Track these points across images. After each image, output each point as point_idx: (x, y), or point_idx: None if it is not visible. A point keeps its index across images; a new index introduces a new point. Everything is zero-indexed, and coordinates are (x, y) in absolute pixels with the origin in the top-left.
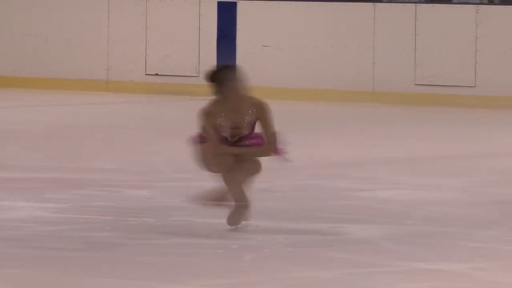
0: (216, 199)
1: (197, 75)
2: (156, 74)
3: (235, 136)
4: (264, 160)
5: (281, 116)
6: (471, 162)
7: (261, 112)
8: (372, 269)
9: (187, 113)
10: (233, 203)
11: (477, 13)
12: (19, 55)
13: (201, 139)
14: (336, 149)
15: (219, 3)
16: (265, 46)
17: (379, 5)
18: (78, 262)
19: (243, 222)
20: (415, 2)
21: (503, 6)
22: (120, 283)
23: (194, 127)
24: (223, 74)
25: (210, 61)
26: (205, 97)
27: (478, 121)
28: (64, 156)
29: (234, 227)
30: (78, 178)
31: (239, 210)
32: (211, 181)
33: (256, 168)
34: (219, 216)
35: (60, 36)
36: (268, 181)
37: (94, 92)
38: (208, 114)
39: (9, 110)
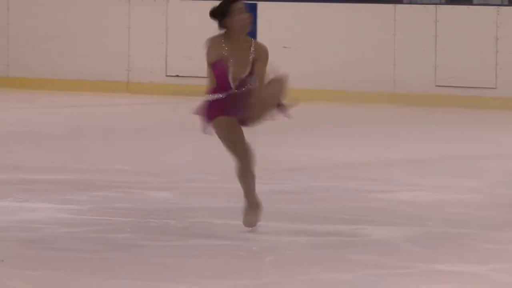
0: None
1: None
2: (177, 76)
3: (236, 79)
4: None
5: (301, 117)
6: (490, 163)
7: (260, 54)
8: (392, 271)
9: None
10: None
11: (498, 14)
12: (40, 56)
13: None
14: (355, 150)
15: None
16: (286, 47)
17: (399, 6)
18: (97, 264)
19: (258, 223)
20: (436, 4)
21: None
22: (139, 285)
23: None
24: (228, 6)
25: None
26: None
27: (499, 122)
28: (84, 157)
29: (251, 228)
30: (98, 180)
31: (254, 210)
32: (232, 182)
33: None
34: (240, 218)
35: (80, 37)
36: (287, 182)
37: (114, 94)
38: (214, 42)
39: (30, 111)
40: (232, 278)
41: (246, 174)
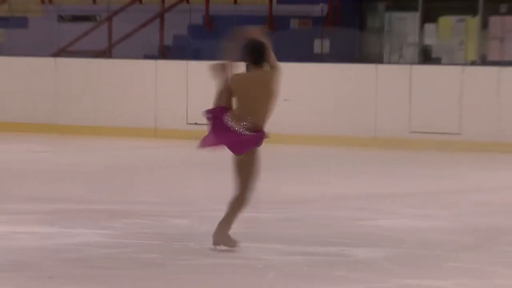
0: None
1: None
2: (196, 123)
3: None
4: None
5: (299, 158)
6: (457, 196)
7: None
8: (373, 285)
9: (220, 154)
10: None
11: (462, 72)
12: (82, 106)
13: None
14: (343, 186)
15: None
16: (286, 100)
17: (380, 66)
18: (130, 279)
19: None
20: (411, 64)
21: (483, 66)
22: None
23: (225, 166)
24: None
25: None
26: None
27: (463, 162)
28: (118, 191)
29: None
30: (129, 209)
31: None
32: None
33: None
34: (248, 241)
35: (116, 91)
36: (288, 211)
37: (143, 138)
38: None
39: (74, 153)
40: None
41: (244, 206)
